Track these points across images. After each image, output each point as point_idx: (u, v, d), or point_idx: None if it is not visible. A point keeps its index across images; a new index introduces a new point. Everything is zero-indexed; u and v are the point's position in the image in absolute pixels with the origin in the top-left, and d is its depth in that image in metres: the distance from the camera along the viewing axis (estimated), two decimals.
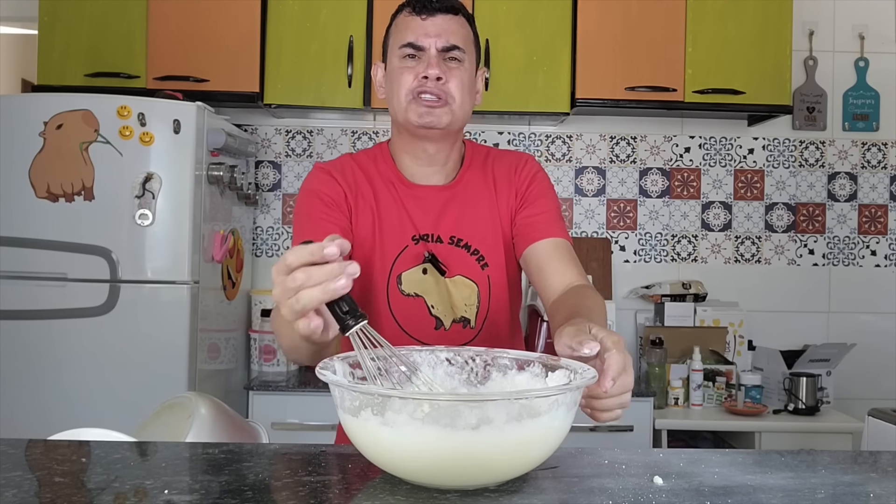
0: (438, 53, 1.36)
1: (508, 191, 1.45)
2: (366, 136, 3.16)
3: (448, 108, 1.37)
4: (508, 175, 1.46)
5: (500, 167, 1.47)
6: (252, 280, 3.10)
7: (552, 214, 1.42)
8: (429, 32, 1.37)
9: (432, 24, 1.37)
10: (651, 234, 3.20)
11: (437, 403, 0.79)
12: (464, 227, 1.42)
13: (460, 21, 1.40)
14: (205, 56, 2.76)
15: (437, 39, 1.37)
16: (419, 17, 1.38)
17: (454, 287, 1.40)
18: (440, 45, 1.37)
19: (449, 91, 1.36)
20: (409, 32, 1.38)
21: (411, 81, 1.36)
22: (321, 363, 0.90)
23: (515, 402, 0.79)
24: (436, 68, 1.35)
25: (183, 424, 1.17)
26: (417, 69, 1.36)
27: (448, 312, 1.40)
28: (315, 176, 1.42)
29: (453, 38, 1.38)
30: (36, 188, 2.35)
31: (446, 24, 1.38)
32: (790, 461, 0.96)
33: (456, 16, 1.40)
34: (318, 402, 2.60)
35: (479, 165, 1.47)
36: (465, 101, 1.39)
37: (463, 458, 0.78)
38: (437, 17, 1.38)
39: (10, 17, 3.21)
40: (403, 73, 1.37)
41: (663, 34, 2.83)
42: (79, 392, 2.33)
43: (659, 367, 2.81)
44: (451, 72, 1.37)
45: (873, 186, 3.23)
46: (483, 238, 1.42)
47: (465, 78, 1.39)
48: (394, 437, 0.79)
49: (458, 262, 1.41)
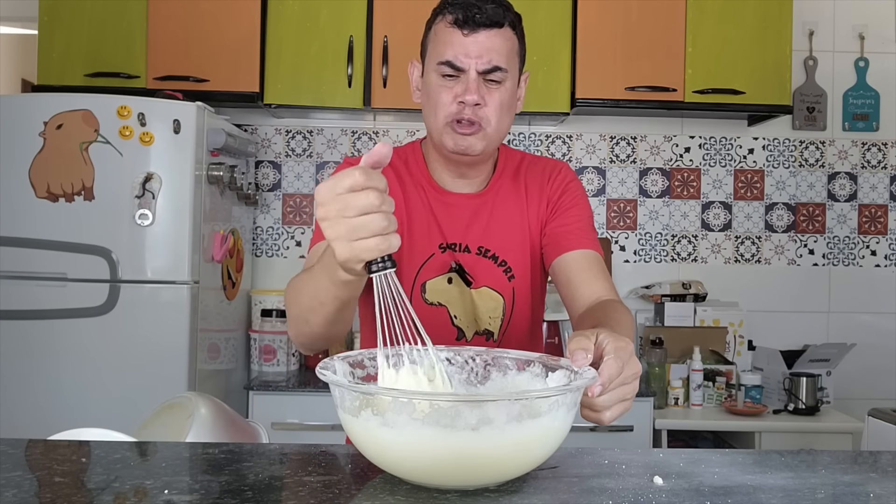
0: (479, 75, 1.29)
1: (540, 199, 1.41)
2: (366, 136, 3.16)
3: (483, 133, 1.31)
4: (541, 183, 1.42)
5: (532, 175, 1.43)
6: (252, 280, 3.10)
7: (584, 224, 1.39)
8: (469, 52, 1.28)
9: (474, 43, 1.28)
10: (651, 234, 3.20)
11: (437, 404, 0.79)
12: (492, 237, 1.38)
13: (505, 34, 1.30)
14: (205, 56, 2.76)
15: (479, 61, 1.28)
16: (461, 31, 1.28)
17: (479, 299, 1.37)
18: (481, 67, 1.28)
19: (486, 115, 1.30)
20: (448, 48, 1.29)
21: (448, 104, 1.30)
22: (321, 363, 0.90)
23: (516, 402, 0.79)
24: (474, 93, 1.28)
25: (183, 424, 1.17)
26: (455, 90, 1.29)
27: (471, 324, 1.37)
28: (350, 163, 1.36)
29: (496, 58, 1.29)
30: (36, 188, 2.35)
31: (490, 42, 1.28)
32: (790, 461, 0.96)
33: (501, 29, 1.29)
34: (318, 402, 2.60)
35: (512, 173, 1.43)
36: (502, 121, 1.32)
37: (463, 459, 0.78)
38: (481, 33, 1.28)
39: (10, 17, 3.21)
40: (441, 93, 1.30)
41: (663, 34, 2.83)
42: (79, 392, 2.33)
43: (659, 367, 2.80)
44: (491, 94, 1.30)
45: (873, 186, 3.23)
46: (511, 249, 1.39)
47: (506, 98, 1.32)
48: (394, 438, 0.78)
49: (485, 273, 1.37)
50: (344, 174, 0.84)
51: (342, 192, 0.83)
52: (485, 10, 1.27)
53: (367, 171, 0.84)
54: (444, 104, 1.30)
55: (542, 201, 1.41)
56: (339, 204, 0.84)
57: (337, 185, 0.84)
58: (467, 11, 1.27)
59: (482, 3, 1.27)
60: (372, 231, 0.84)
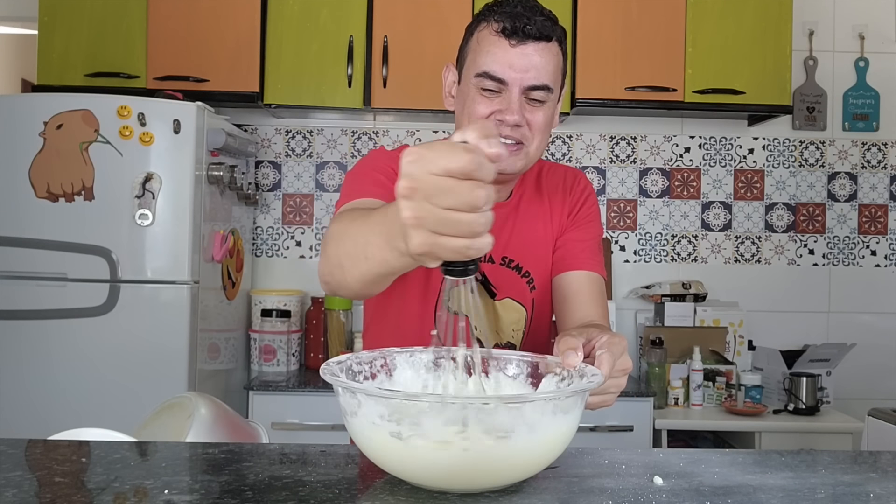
0: (523, 92, 1.20)
1: (563, 205, 1.37)
2: (366, 136, 3.16)
3: (523, 152, 1.23)
4: (564, 189, 1.38)
5: (554, 183, 1.39)
6: (252, 280, 3.10)
7: (594, 244, 1.36)
8: (515, 66, 1.19)
9: (521, 56, 1.19)
10: (651, 234, 3.20)
11: (447, 407, 0.79)
12: (516, 247, 1.33)
13: (553, 49, 1.21)
14: (205, 56, 2.76)
15: (525, 76, 1.19)
16: (508, 41, 1.19)
17: (503, 310, 1.33)
18: (527, 83, 1.19)
19: (526, 135, 1.22)
20: (491, 59, 1.19)
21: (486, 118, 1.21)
22: (323, 365, 0.90)
23: (526, 405, 0.78)
24: (516, 114, 1.19)
25: (183, 424, 1.17)
26: (495, 105, 1.21)
27: (492, 336, 1.32)
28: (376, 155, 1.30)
29: (543, 76, 1.20)
30: (36, 188, 2.35)
31: (538, 57, 1.19)
32: (790, 461, 0.96)
33: (549, 43, 1.20)
34: (318, 402, 2.60)
35: (534, 181, 1.39)
36: (543, 140, 1.25)
37: (469, 463, 0.77)
38: (529, 45, 1.18)
39: (10, 17, 3.21)
40: (477, 105, 1.21)
41: (663, 34, 2.83)
42: (79, 392, 2.33)
43: (659, 367, 2.80)
44: (533, 114, 1.22)
45: (873, 186, 3.23)
46: (534, 259, 1.34)
47: (548, 117, 1.24)
48: (397, 440, 0.78)
49: (508, 283, 1.33)
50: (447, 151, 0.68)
51: (439, 174, 0.67)
52: (535, 22, 1.18)
53: (481, 157, 0.68)
54: (480, 117, 1.21)
55: (565, 207, 1.37)
56: (433, 187, 0.68)
57: (435, 163, 0.67)
58: (516, 21, 1.18)
59: (532, 13, 1.19)
60: (462, 231, 0.69)
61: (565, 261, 1.33)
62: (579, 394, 0.82)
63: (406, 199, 0.69)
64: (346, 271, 0.93)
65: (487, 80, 1.20)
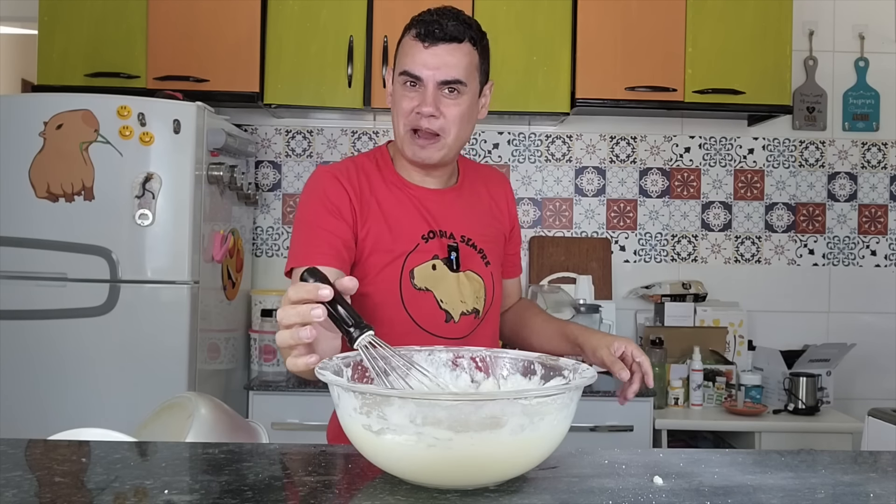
0: (437, 86, 1.36)
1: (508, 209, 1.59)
2: (366, 136, 3.16)
3: (441, 142, 1.39)
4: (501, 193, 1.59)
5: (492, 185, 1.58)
6: (252, 280, 3.10)
7: (518, 250, 1.66)
8: (428, 64, 1.36)
9: (433, 56, 1.36)
10: (651, 234, 3.20)
11: (437, 403, 0.79)
12: (470, 226, 1.48)
13: (465, 49, 1.38)
14: (205, 56, 2.76)
15: (437, 72, 1.36)
16: (422, 44, 1.37)
17: (467, 280, 1.45)
18: (439, 78, 1.36)
19: (443, 126, 1.38)
20: (409, 60, 1.38)
21: (408, 113, 1.38)
22: (321, 363, 0.90)
23: (515, 402, 0.79)
24: (431, 105, 1.36)
25: (183, 424, 1.17)
26: (414, 100, 1.37)
27: (457, 305, 1.44)
28: (320, 180, 1.42)
29: (454, 72, 1.36)
30: (36, 188, 2.35)
31: (448, 56, 1.36)
32: (790, 461, 0.96)
33: (461, 44, 1.38)
34: (318, 402, 2.60)
35: (473, 175, 1.56)
36: (461, 130, 1.40)
37: (463, 459, 0.78)
38: (440, 46, 1.36)
39: (10, 17, 3.22)
40: (402, 101, 1.39)
41: (663, 34, 2.83)
42: (79, 392, 2.33)
43: (659, 367, 2.80)
44: (448, 107, 1.38)
45: (873, 186, 3.23)
46: (485, 238, 1.50)
47: (464, 108, 1.39)
48: (393, 438, 0.79)
49: (468, 258, 1.46)
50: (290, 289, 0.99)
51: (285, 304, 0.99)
52: (445, 26, 1.36)
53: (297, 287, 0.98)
54: (404, 112, 1.39)
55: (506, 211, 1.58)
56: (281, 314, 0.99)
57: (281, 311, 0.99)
58: (429, 27, 1.36)
59: (445, 19, 1.37)
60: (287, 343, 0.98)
61: (505, 270, 1.60)
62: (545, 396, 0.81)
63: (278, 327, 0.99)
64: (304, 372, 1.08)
65: (407, 78, 1.38)
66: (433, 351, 1.04)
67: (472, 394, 0.98)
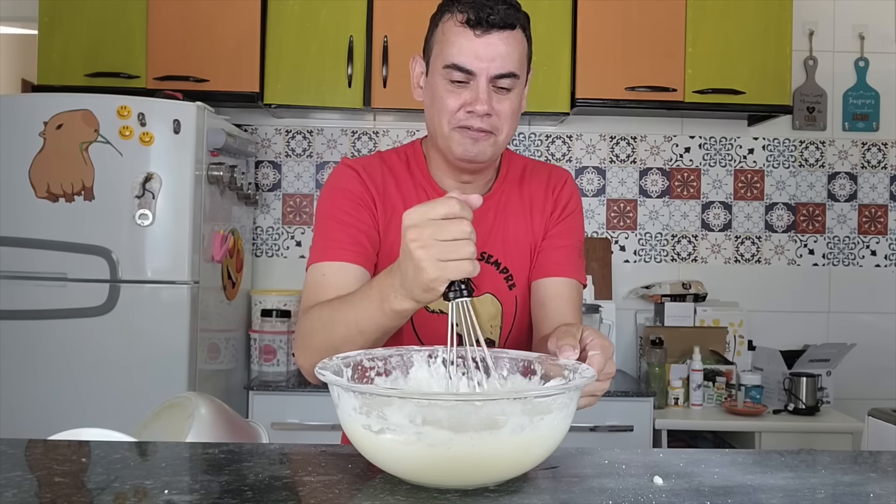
0: (490, 81, 1.21)
1: (543, 210, 1.37)
2: (366, 136, 3.16)
3: (493, 139, 1.25)
4: (545, 193, 1.38)
5: (537, 184, 1.38)
6: (252, 280, 3.10)
7: (575, 250, 1.36)
8: (481, 55, 1.20)
9: (487, 46, 1.20)
10: (651, 234, 3.20)
11: (437, 403, 0.79)
12: (495, 243, 1.34)
13: (517, 37, 1.23)
14: (205, 56, 2.76)
15: (491, 65, 1.20)
16: (472, 31, 1.19)
17: (481, 306, 1.33)
18: (493, 72, 1.21)
19: (497, 125, 1.24)
20: (457, 50, 1.20)
21: (455, 111, 1.23)
22: (320, 363, 0.90)
23: (515, 402, 0.79)
24: (485, 103, 1.21)
25: (183, 424, 1.17)
26: (464, 97, 1.22)
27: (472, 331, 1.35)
28: (342, 173, 1.32)
29: (509, 63, 1.21)
30: (36, 188, 2.35)
31: (504, 46, 1.21)
32: (790, 461, 0.96)
33: (514, 31, 1.22)
34: (318, 402, 2.60)
35: (516, 181, 1.38)
36: (511, 127, 1.27)
37: (463, 459, 0.78)
38: (494, 35, 1.20)
39: (10, 17, 3.21)
40: (447, 98, 1.23)
41: (663, 34, 2.83)
42: (79, 392, 2.33)
43: (659, 367, 2.80)
44: (501, 102, 1.23)
45: (873, 186, 3.23)
46: (513, 256, 1.35)
47: (516, 104, 1.26)
48: (393, 438, 0.79)
49: (487, 279, 1.33)
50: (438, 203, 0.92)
51: (436, 218, 0.91)
52: (498, 11, 1.19)
53: (463, 203, 0.92)
54: (450, 110, 1.23)
55: (546, 212, 1.37)
56: (433, 228, 0.91)
57: (431, 211, 0.91)
58: (479, 11, 1.19)
59: (494, 3, 1.20)
60: (462, 255, 0.91)
61: (545, 266, 1.34)
62: (545, 396, 0.81)
63: (415, 242, 0.91)
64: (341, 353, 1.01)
65: (455, 72, 1.21)
66: (433, 351, 1.03)
67: (472, 394, 0.98)
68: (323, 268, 1.25)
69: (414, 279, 0.94)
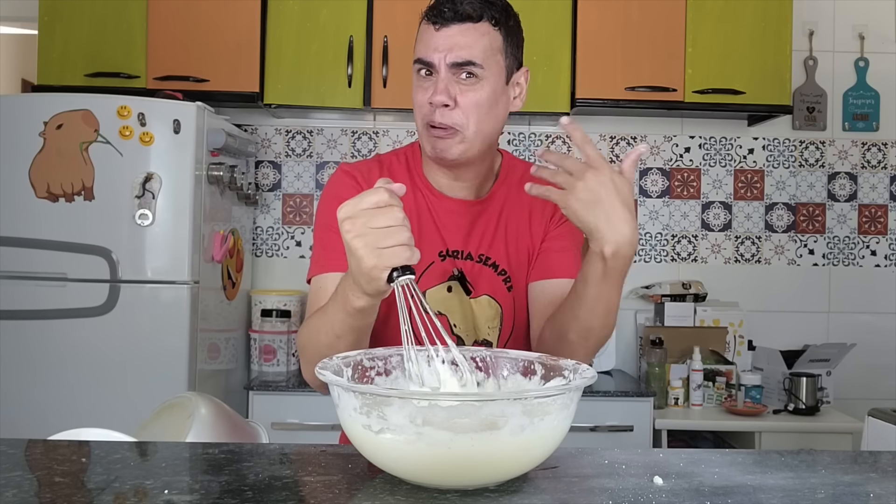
0: (449, 70, 1.22)
1: (543, 213, 1.36)
2: (366, 136, 3.16)
3: (458, 136, 1.24)
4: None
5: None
6: (252, 280, 3.10)
7: (574, 252, 1.34)
8: (438, 47, 1.22)
9: (443, 37, 1.22)
10: (651, 234, 3.20)
11: (437, 404, 0.79)
12: (493, 245, 1.33)
13: (482, 29, 1.23)
14: (205, 56, 2.76)
15: (448, 54, 1.22)
16: (433, 26, 1.23)
17: (478, 307, 1.33)
18: (450, 60, 1.22)
19: (458, 118, 1.23)
20: (421, 45, 1.25)
21: (423, 106, 1.25)
22: (320, 363, 0.90)
23: (515, 402, 0.79)
24: (442, 94, 1.22)
25: (183, 424, 1.17)
26: (429, 91, 1.24)
27: (471, 332, 1.33)
28: (339, 181, 1.32)
29: (466, 53, 1.21)
30: (36, 188, 2.35)
31: (461, 36, 1.22)
32: (790, 461, 0.96)
33: (477, 23, 1.23)
34: (318, 402, 2.60)
35: (516, 184, 1.36)
36: (482, 122, 1.25)
37: (463, 459, 0.78)
38: (452, 27, 1.22)
39: (10, 17, 3.22)
40: (417, 93, 1.27)
41: (663, 34, 2.83)
42: (79, 392, 2.33)
43: (659, 367, 2.80)
44: (464, 94, 1.23)
45: (873, 186, 3.23)
46: (511, 258, 1.34)
47: (483, 96, 1.24)
48: (393, 438, 0.79)
49: (485, 281, 1.33)
50: (367, 193, 0.94)
51: (368, 208, 0.94)
52: (455, 5, 1.22)
53: (391, 192, 0.95)
54: (419, 105, 1.26)
55: (546, 215, 1.36)
56: (366, 217, 0.94)
57: (362, 202, 0.94)
58: (440, 7, 1.23)
59: None
60: (397, 240, 0.94)
61: (545, 268, 1.33)
62: (546, 396, 0.81)
63: (350, 233, 0.94)
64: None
65: (420, 67, 1.26)
66: (433, 351, 1.03)
67: (473, 394, 0.98)
68: (321, 280, 1.28)
69: (357, 271, 0.97)
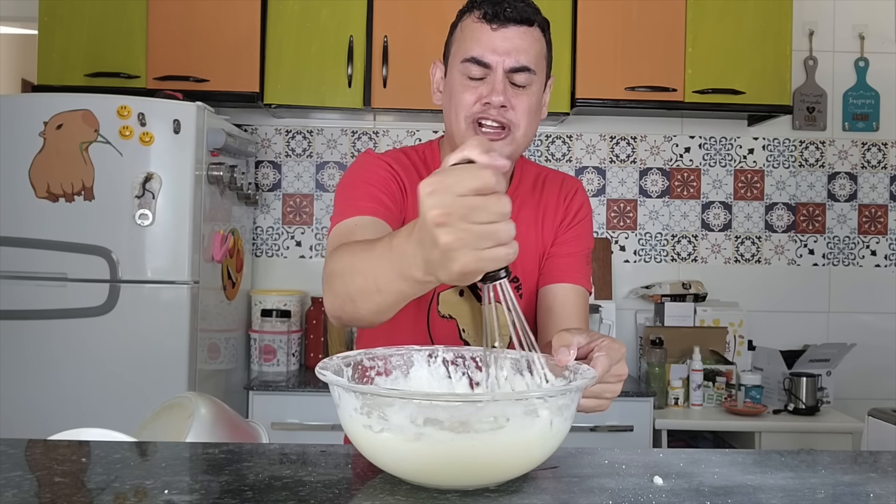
0: (506, 74, 1.21)
1: (554, 218, 1.37)
2: (366, 136, 3.16)
3: (511, 137, 1.24)
4: (557, 202, 1.37)
5: (549, 193, 1.38)
6: (252, 280, 3.10)
7: (582, 257, 1.35)
8: (497, 48, 1.20)
9: (503, 38, 1.21)
10: (651, 234, 3.20)
11: (438, 404, 0.79)
12: None
13: (535, 34, 1.23)
14: (205, 56, 2.76)
15: (507, 58, 1.20)
16: (489, 25, 1.21)
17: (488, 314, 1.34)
18: (509, 64, 1.21)
19: (513, 120, 1.23)
20: (474, 44, 1.22)
21: (472, 105, 1.22)
22: (321, 363, 0.90)
23: (516, 402, 0.79)
24: (501, 95, 1.20)
25: (183, 424, 1.17)
26: (480, 90, 1.22)
27: (479, 338, 1.32)
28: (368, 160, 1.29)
29: (525, 58, 1.21)
30: (36, 188, 2.35)
31: (520, 40, 1.21)
32: (790, 461, 0.96)
33: (531, 27, 1.22)
34: (318, 402, 2.60)
35: (529, 188, 1.37)
36: (530, 126, 1.25)
37: (463, 459, 0.78)
38: (511, 28, 1.21)
39: (10, 17, 3.21)
40: (464, 93, 1.23)
41: (663, 34, 2.83)
42: (79, 392, 2.33)
43: (659, 367, 2.80)
44: (518, 97, 1.22)
45: (873, 186, 3.23)
46: (523, 265, 1.33)
47: (533, 102, 1.24)
48: (393, 438, 0.79)
49: None
50: (466, 173, 0.73)
51: (466, 194, 0.72)
52: (515, 7, 1.21)
53: (497, 173, 0.74)
54: (466, 105, 1.23)
55: (556, 220, 1.37)
56: (465, 208, 0.72)
57: (457, 185, 0.72)
58: (497, 6, 1.21)
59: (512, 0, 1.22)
60: (500, 240, 0.74)
61: (553, 273, 1.33)
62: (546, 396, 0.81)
63: (441, 227, 0.73)
64: (359, 305, 0.95)
65: (472, 66, 1.22)
66: (434, 351, 1.03)
67: (473, 394, 0.98)
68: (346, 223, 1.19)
69: (441, 266, 0.76)
